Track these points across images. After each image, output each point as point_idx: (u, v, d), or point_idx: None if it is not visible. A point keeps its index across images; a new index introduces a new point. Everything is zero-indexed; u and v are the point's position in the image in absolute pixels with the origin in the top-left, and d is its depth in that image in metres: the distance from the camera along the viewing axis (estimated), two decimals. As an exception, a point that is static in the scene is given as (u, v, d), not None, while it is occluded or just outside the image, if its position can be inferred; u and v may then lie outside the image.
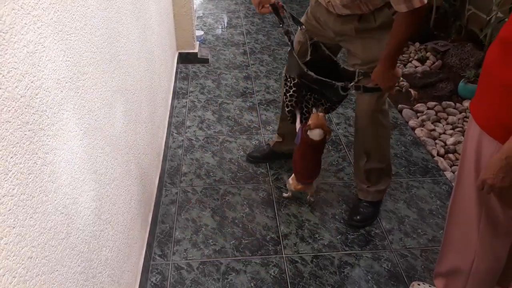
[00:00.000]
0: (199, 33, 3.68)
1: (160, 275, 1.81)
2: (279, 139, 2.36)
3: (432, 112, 2.90)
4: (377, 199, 2.11)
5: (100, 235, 1.22)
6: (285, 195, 2.20)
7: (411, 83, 3.17)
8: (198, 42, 3.54)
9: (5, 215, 0.73)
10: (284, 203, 2.18)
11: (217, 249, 1.92)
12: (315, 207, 2.15)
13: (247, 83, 3.19)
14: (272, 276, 1.81)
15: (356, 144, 2.08)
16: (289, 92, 1.89)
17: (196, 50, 3.40)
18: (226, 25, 4.15)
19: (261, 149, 2.47)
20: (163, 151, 2.35)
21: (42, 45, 0.89)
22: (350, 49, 1.82)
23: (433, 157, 2.53)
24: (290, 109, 1.95)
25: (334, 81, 1.75)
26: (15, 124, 0.77)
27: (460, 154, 1.41)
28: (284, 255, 1.91)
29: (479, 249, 1.37)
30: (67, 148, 1.00)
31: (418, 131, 2.72)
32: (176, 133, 2.65)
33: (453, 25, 3.64)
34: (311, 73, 1.77)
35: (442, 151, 2.56)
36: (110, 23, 1.41)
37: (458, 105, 2.97)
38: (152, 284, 1.77)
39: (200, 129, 2.69)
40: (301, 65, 1.79)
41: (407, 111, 2.90)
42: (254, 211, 2.13)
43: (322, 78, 1.76)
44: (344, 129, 2.74)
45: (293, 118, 1.99)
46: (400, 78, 1.93)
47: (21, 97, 0.80)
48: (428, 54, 3.52)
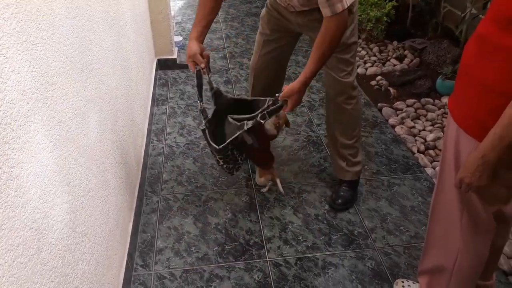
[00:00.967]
0: (178, 38, 3.66)
1: (143, 285, 1.78)
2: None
3: (411, 109, 2.92)
4: (355, 178, 2.20)
5: (75, 248, 1.19)
6: (263, 190, 2.24)
7: (390, 81, 3.20)
8: (177, 48, 3.51)
9: (-34, 234, 0.71)
10: (267, 206, 2.17)
11: (200, 256, 1.90)
12: (297, 209, 2.15)
13: (227, 88, 3.17)
14: (256, 281, 1.80)
15: (327, 126, 2.22)
16: (219, 163, 1.94)
17: (175, 56, 3.37)
18: (205, 29, 4.12)
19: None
20: (142, 159, 2.31)
21: (4, 56, 0.86)
22: (312, 37, 1.86)
23: (413, 154, 2.55)
24: (229, 169, 1.99)
25: (241, 122, 1.81)
26: (-25, 138, 0.75)
27: (441, 151, 1.41)
28: (268, 259, 1.90)
29: (462, 246, 1.37)
30: (35, 161, 0.98)
31: (398, 129, 2.74)
32: (156, 140, 2.62)
33: (429, 23, 3.68)
34: (217, 146, 1.81)
35: (422, 147, 2.59)
36: (81, 31, 1.39)
37: (436, 101, 3.00)
38: (135, 294, 1.74)
39: (181, 135, 2.67)
40: (211, 143, 1.84)
41: (386, 110, 2.92)
42: (237, 216, 2.11)
43: (228, 140, 1.80)
44: (324, 130, 2.73)
45: (234, 169, 2.00)
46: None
47: (-19, 110, 0.77)
48: (406, 52, 3.56)
